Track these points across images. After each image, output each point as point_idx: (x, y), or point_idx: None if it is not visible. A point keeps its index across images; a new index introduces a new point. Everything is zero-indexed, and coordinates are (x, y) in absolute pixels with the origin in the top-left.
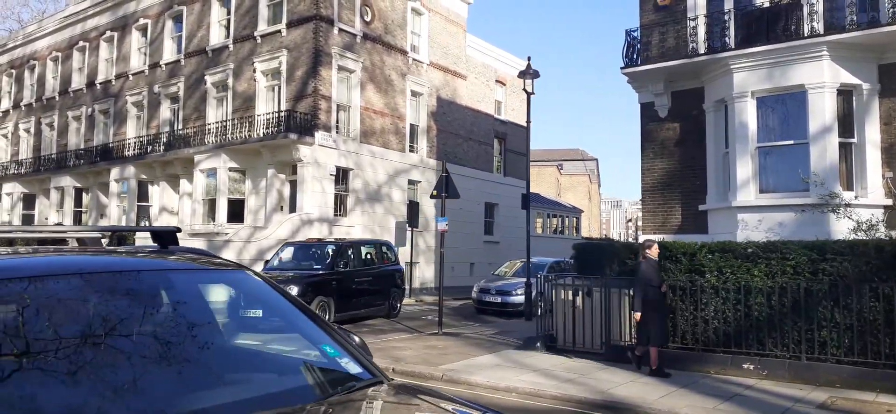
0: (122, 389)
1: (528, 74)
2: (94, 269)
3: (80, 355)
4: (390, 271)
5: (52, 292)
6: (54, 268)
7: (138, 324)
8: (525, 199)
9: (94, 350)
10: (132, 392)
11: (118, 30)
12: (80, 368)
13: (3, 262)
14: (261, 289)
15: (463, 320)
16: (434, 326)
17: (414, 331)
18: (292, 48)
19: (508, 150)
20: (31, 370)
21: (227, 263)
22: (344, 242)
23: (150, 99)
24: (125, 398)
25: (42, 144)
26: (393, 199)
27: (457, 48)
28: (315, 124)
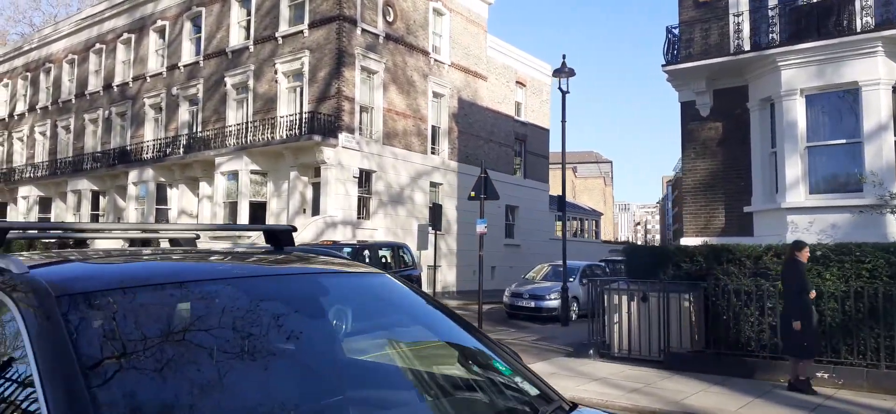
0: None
1: (563, 72)
2: (245, 274)
3: (250, 366)
4: (406, 275)
5: (210, 298)
6: (209, 273)
7: (311, 334)
8: (560, 201)
9: (267, 361)
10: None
11: (135, 32)
12: (257, 379)
13: (157, 267)
14: (407, 295)
15: (496, 325)
16: None
17: None
18: (315, 49)
19: (528, 152)
20: (205, 383)
21: (367, 267)
22: (365, 243)
23: (169, 101)
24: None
25: (58, 147)
26: (415, 201)
27: (477, 49)
28: (338, 126)
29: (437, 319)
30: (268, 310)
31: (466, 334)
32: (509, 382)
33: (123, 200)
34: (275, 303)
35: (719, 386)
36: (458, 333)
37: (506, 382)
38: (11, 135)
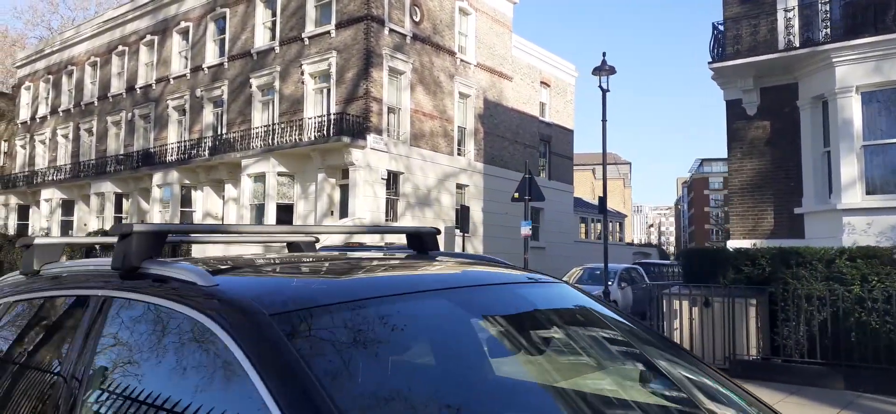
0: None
1: (603, 70)
2: (447, 286)
3: (486, 390)
4: None
5: (422, 313)
6: (410, 285)
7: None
8: (601, 202)
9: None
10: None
11: (158, 33)
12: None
13: (355, 280)
14: (598, 309)
15: None
16: None
17: None
18: (342, 49)
19: (553, 154)
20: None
21: (542, 274)
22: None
23: (193, 103)
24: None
25: (80, 150)
26: (442, 203)
27: (502, 49)
28: (367, 127)
29: (640, 334)
30: (484, 324)
31: (680, 357)
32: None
33: (147, 203)
34: (492, 316)
35: (796, 396)
36: (669, 351)
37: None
38: (33, 138)
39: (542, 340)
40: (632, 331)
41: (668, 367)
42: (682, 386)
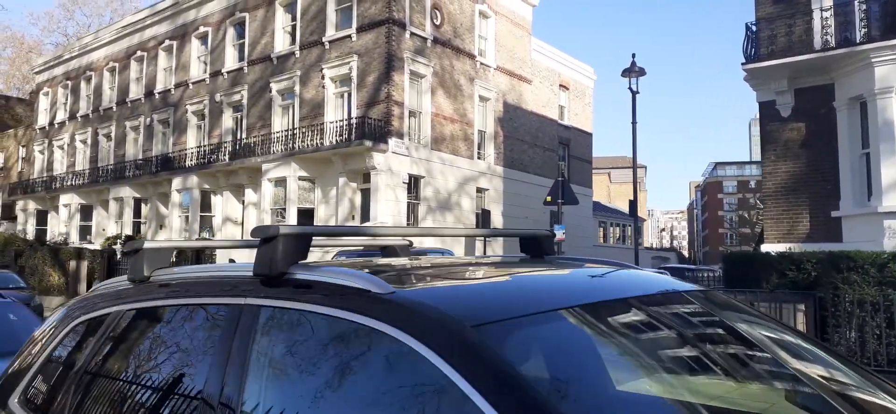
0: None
1: (633, 72)
2: (637, 293)
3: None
4: None
5: (622, 326)
6: (603, 293)
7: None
8: (632, 206)
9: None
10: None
11: (177, 38)
12: None
13: (542, 285)
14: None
15: None
16: None
17: None
18: (363, 53)
19: (572, 157)
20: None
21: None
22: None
23: (212, 108)
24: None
25: (99, 155)
26: (462, 207)
27: (522, 52)
28: (388, 131)
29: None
30: (695, 337)
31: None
32: None
33: (166, 208)
34: (701, 329)
35: None
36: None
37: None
38: (52, 143)
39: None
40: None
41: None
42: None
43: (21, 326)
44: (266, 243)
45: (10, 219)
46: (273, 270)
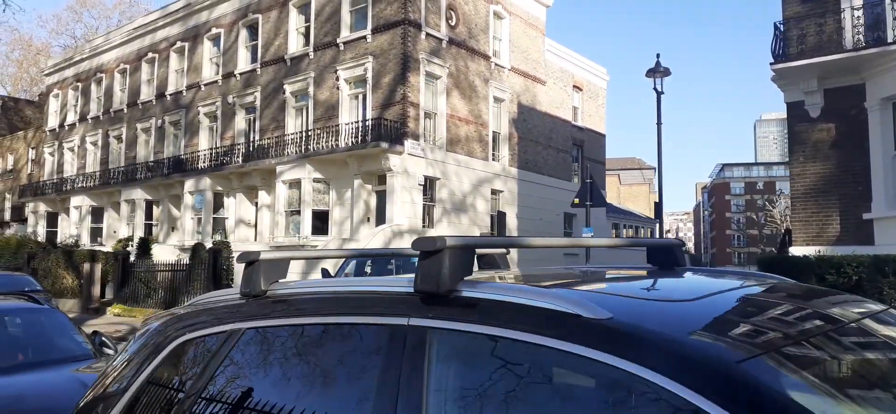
0: None
1: (658, 72)
2: None
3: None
4: None
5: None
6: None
7: None
8: (657, 208)
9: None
10: None
11: (189, 40)
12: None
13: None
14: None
15: None
16: None
17: None
18: (379, 54)
19: (586, 158)
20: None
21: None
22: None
23: (224, 109)
24: None
25: (109, 157)
26: (477, 209)
27: (536, 53)
28: (404, 132)
29: None
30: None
31: None
32: None
33: (178, 210)
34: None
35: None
36: None
37: None
38: (62, 145)
39: None
40: None
41: None
42: None
43: (59, 333)
44: (429, 257)
45: (20, 221)
46: (441, 287)
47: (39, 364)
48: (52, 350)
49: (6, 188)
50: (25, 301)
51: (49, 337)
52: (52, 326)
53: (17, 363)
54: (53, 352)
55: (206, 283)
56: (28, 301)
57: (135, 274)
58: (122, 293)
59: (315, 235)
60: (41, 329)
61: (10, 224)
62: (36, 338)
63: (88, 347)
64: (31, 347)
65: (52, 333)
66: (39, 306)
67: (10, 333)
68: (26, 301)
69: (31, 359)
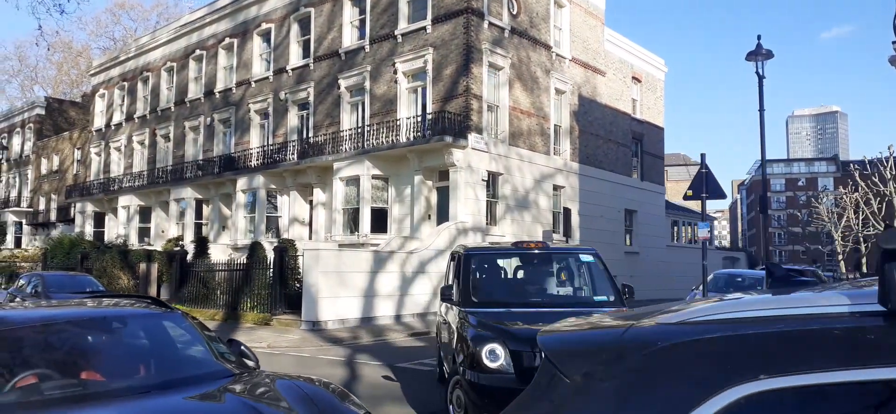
0: None
1: (760, 55)
2: None
3: None
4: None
5: None
6: None
7: None
8: (762, 202)
9: None
10: None
11: (238, 36)
12: None
13: None
14: None
15: None
16: None
17: None
18: (439, 46)
19: (645, 153)
20: None
21: None
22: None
23: (276, 106)
24: None
25: (157, 156)
26: (539, 206)
27: (595, 43)
28: (467, 126)
29: None
30: None
31: None
32: None
33: (228, 209)
34: None
35: None
36: None
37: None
38: (109, 145)
39: None
40: None
41: None
42: None
43: (192, 343)
44: None
45: (66, 222)
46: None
47: (182, 382)
48: (190, 365)
49: (51, 189)
50: (144, 307)
51: (182, 349)
52: (182, 335)
53: (156, 382)
54: (191, 366)
55: (271, 283)
56: (147, 307)
57: (194, 274)
58: (180, 293)
59: (374, 234)
60: (170, 339)
61: (55, 225)
62: (169, 349)
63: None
64: (166, 360)
65: (185, 343)
66: (164, 311)
67: (140, 345)
68: (145, 307)
69: (171, 376)
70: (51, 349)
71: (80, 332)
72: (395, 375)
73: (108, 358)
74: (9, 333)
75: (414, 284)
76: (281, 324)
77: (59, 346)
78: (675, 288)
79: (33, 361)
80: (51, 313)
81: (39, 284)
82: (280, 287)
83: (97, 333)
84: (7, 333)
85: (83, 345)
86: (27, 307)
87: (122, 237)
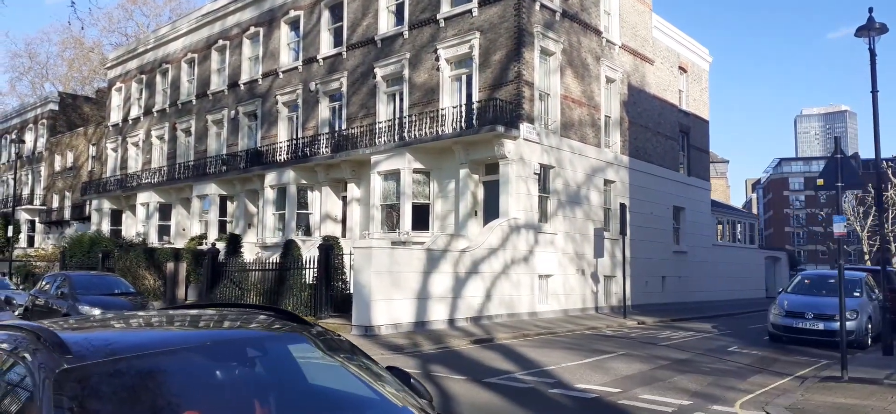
0: None
1: (873, 28)
2: None
3: None
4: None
5: None
6: None
7: None
8: (877, 195)
9: None
10: None
11: (264, 25)
12: None
13: None
14: None
15: (788, 354)
16: (780, 364)
17: (781, 373)
18: (486, 29)
19: (691, 147)
20: None
21: None
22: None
23: (306, 97)
24: None
25: (177, 151)
26: (591, 202)
27: (644, 29)
28: (519, 115)
29: None
30: None
31: None
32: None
33: (254, 205)
34: None
35: None
36: None
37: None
38: (126, 140)
39: None
40: None
41: None
42: None
43: (343, 378)
44: None
45: (81, 219)
46: None
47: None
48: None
49: (65, 186)
50: (263, 329)
51: (342, 386)
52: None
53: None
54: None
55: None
56: (267, 328)
57: (227, 274)
58: (212, 294)
59: (415, 231)
60: (330, 373)
61: (69, 223)
62: (334, 390)
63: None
64: (332, 405)
65: (340, 378)
66: (293, 332)
67: (298, 383)
68: (264, 329)
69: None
70: (167, 388)
71: (208, 364)
72: (497, 394)
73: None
74: (129, 363)
75: (467, 286)
76: (328, 328)
77: (180, 383)
78: (721, 289)
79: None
80: (169, 335)
81: (66, 285)
82: (326, 288)
83: (228, 364)
84: (128, 366)
85: (209, 381)
86: (115, 327)
87: (141, 235)
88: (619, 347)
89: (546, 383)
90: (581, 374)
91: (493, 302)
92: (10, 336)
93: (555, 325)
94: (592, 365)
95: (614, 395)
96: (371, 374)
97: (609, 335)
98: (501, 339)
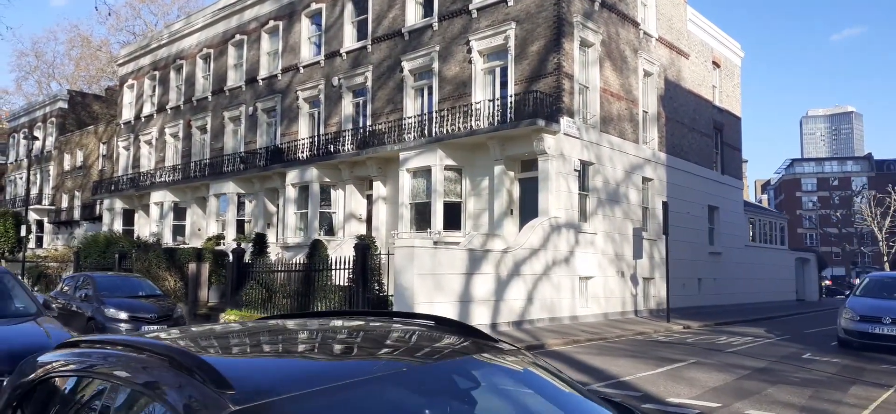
0: None
1: None
2: None
3: None
4: None
5: None
6: None
7: None
8: None
9: None
10: None
11: (283, 18)
12: None
13: None
14: None
15: (870, 362)
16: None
17: (879, 384)
18: (523, 19)
19: (724, 144)
20: None
21: None
22: None
23: (328, 93)
24: None
25: (192, 149)
26: (630, 200)
27: (679, 22)
28: (559, 108)
29: None
30: None
31: None
32: None
33: (274, 204)
34: None
35: None
36: None
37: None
38: (138, 138)
39: None
40: None
41: None
42: None
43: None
44: None
45: (91, 219)
46: None
47: None
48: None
49: (75, 186)
50: (460, 350)
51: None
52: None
53: None
54: None
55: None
56: (463, 349)
57: (254, 274)
58: (236, 296)
59: (447, 230)
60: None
61: (79, 223)
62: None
63: None
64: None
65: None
66: (512, 357)
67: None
68: (461, 350)
69: None
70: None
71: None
72: None
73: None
74: (313, 401)
75: (509, 288)
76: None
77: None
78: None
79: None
80: (351, 364)
81: (89, 287)
82: (363, 290)
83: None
84: (312, 405)
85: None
86: (258, 346)
87: (155, 235)
88: (684, 355)
89: (633, 397)
90: (664, 385)
91: (535, 305)
92: (126, 358)
93: (600, 329)
94: (668, 375)
95: (717, 410)
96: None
97: (663, 341)
98: (552, 345)
